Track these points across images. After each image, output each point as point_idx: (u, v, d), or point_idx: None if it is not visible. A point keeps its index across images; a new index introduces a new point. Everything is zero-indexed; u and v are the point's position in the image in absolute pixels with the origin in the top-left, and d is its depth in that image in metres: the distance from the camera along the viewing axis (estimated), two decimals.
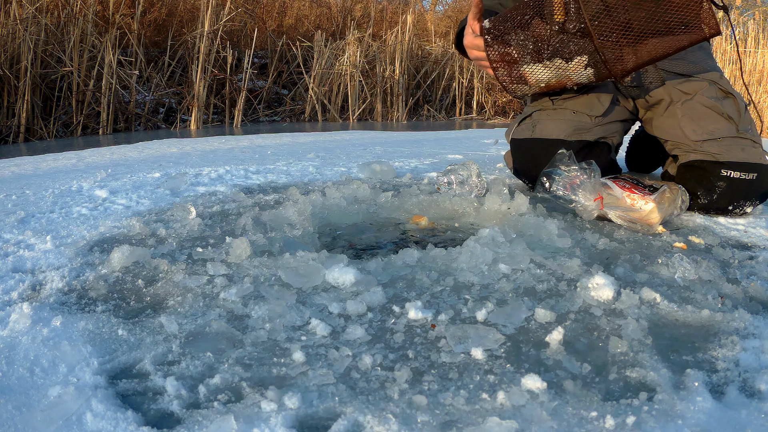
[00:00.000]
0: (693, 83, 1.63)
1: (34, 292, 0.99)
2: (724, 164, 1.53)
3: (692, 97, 1.61)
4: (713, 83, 1.63)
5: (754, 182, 1.53)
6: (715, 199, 1.55)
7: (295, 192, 1.57)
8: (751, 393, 0.72)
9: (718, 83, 1.63)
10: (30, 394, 0.69)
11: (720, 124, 1.56)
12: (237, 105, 5.15)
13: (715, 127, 1.56)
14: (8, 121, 3.92)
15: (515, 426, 0.63)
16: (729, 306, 0.95)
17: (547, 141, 1.70)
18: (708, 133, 1.56)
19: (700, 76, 1.64)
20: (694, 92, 1.62)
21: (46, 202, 1.60)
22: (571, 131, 1.69)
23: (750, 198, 1.56)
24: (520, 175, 1.81)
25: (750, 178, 1.53)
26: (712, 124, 1.57)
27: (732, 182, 1.53)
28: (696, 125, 1.58)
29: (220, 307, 0.91)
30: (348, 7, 7.29)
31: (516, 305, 0.90)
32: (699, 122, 1.58)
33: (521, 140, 1.77)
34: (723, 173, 1.53)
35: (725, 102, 1.60)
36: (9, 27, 3.93)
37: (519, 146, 1.79)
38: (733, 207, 1.57)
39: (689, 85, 1.63)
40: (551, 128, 1.71)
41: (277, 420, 0.64)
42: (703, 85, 1.62)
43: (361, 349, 0.79)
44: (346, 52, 5.79)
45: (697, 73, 1.65)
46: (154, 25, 5.37)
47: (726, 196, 1.55)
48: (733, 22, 6.17)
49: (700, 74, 1.65)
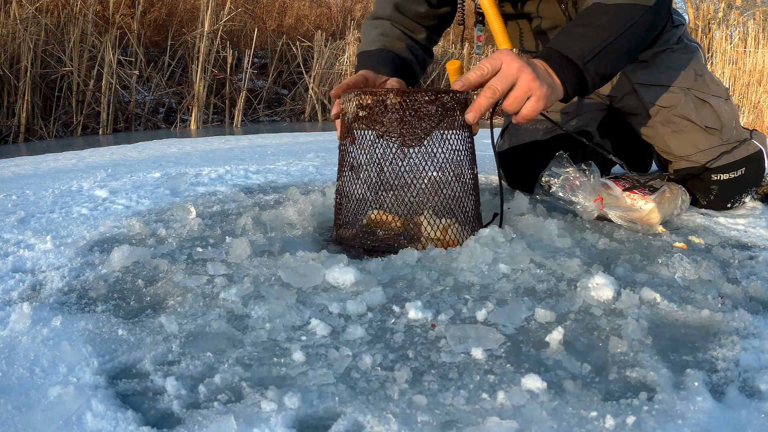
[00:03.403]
0: (668, 95, 1.60)
1: (34, 292, 0.99)
2: (713, 170, 1.57)
3: (669, 111, 1.59)
4: (688, 92, 1.60)
5: (744, 177, 1.59)
6: (712, 201, 1.60)
7: (295, 192, 1.57)
8: (751, 393, 0.72)
9: (693, 90, 1.60)
10: (30, 394, 0.69)
11: (702, 136, 1.58)
12: (237, 105, 5.16)
13: (698, 140, 1.58)
14: (8, 121, 3.92)
15: (515, 426, 0.63)
16: (729, 306, 0.95)
17: (523, 146, 1.73)
18: (693, 146, 1.59)
19: (675, 84, 1.61)
20: (670, 105, 1.59)
21: (46, 202, 1.60)
22: (545, 131, 1.71)
23: (744, 191, 1.62)
24: (514, 186, 1.82)
25: (739, 174, 1.58)
26: (695, 138, 1.58)
27: (724, 183, 1.58)
28: (679, 140, 1.59)
29: (220, 307, 0.91)
30: (348, 7, 7.30)
31: (516, 305, 0.90)
32: (682, 136, 1.59)
33: (501, 153, 1.82)
34: (714, 178, 1.58)
35: (703, 112, 1.58)
36: (9, 27, 3.93)
37: (502, 159, 1.81)
38: (731, 204, 1.62)
39: (664, 97, 1.60)
40: (525, 134, 1.74)
41: (277, 420, 0.64)
42: (679, 98, 1.59)
43: (361, 349, 0.79)
44: (346, 52, 5.80)
45: (669, 81, 1.61)
46: (154, 25, 5.37)
47: (721, 197, 1.60)
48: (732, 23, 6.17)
49: (674, 80, 1.61)
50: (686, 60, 1.65)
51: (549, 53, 1.19)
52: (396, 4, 1.62)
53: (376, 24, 1.63)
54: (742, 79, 5.67)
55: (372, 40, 1.59)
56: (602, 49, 1.20)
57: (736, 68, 5.72)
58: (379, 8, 1.65)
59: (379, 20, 1.64)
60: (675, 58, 1.63)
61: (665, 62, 1.63)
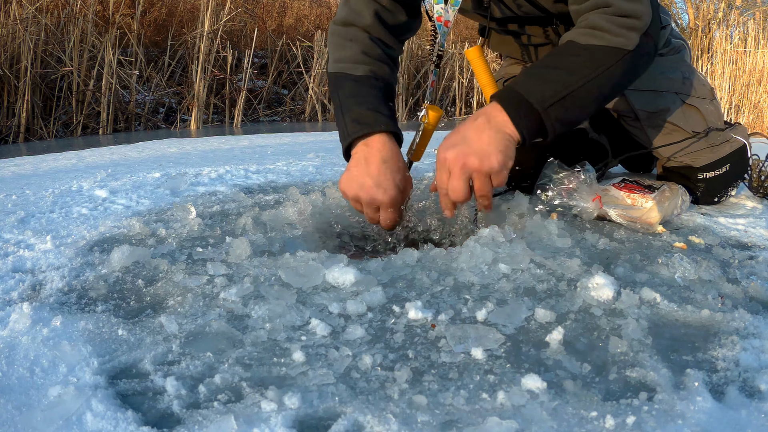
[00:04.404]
0: (656, 100, 1.61)
1: (34, 292, 0.99)
2: (699, 169, 1.60)
3: (657, 115, 1.60)
4: (677, 96, 1.60)
5: (728, 173, 1.62)
6: (699, 197, 1.64)
7: (295, 192, 1.57)
8: (751, 393, 0.72)
9: (680, 94, 1.60)
10: (30, 394, 0.69)
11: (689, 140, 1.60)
12: (237, 105, 5.16)
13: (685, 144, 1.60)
14: (8, 121, 3.92)
15: (515, 426, 0.63)
16: (729, 306, 0.95)
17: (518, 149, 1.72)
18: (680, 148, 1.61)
19: (663, 89, 1.60)
20: (658, 110, 1.60)
21: (46, 202, 1.60)
22: None
23: (730, 185, 1.67)
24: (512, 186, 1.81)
25: (724, 171, 1.61)
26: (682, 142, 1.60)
27: (710, 181, 1.62)
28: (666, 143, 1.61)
29: (220, 307, 0.91)
30: None
31: (516, 305, 0.90)
32: (668, 139, 1.60)
33: None
34: (700, 176, 1.62)
35: (690, 118, 1.60)
36: (9, 27, 3.94)
37: None
38: (718, 199, 1.67)
39: (653, 102, 1.61)
40: None
41: (277, 420, 0.64)
42: (667, 103, 1.59)
43: (361, 349, 0.79)
44: None
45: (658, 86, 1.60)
46: (154, 25, 5.37)
47: (706, 194, 1.64)
48: (732, 23, 6.17)
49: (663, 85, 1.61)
50: (674, 62, 1.64)
51: (509, 95, 1.16)
52: (377, 11, 1.41)
53: (351, 34, 1.41)
54: (742, 79, 5.67)
55: (354, 59, 1.39)
56: (567, 94, 1.14)
57: (736, 68, 5.72)
58: (352, 14, 1.42)
59: (353, 29, 1.42)
60: (663, 61, 1.62)
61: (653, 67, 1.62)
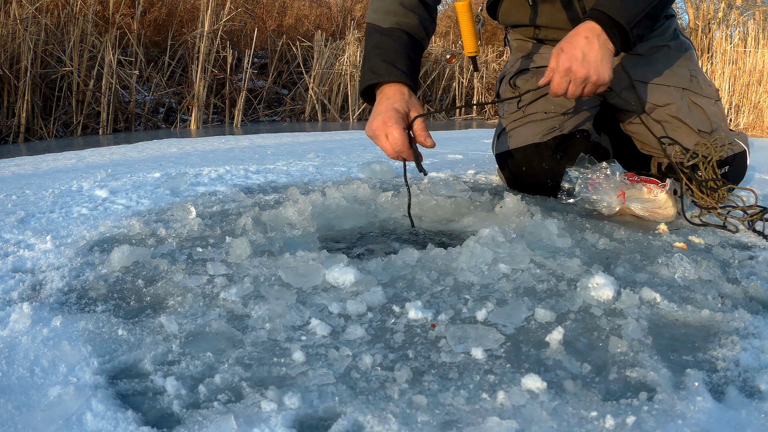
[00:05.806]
0: (665, 94, 1.63)
1: (34, 292, 0.99)
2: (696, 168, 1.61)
3: (665, 110, 1.62)
4: (684, 93, 1.62)
5: (727, 174, 1.63)
6: None
7: (295, 192, 1.57)
8: (751, 393, 0.72)
9: (688, 91, 1.63)
10: (30, 394, 0.69)
11: (694, 138, 1.61)
12: (237, 105, 5.15)
13: (689, 142, 1.61)
14: (8, 121, 3.92)
15: (515, 426, 0.63)
16: (729, 306, 0.95)
17: (524, 148, 1.72)
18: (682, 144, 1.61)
19: (672, 84, 1.64)
20: (665, 104, 1.63)
21: (46, 202, 1.60)
22: (545, 131, 1.71)
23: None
24: (513, 186, 1.81)
25: (723, 171, 1.61)
26: (686, 138, 1.61)
27: None
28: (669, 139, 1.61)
29: (220, 307, 0.91)
30: (348, 7, 7.29)
31: (516, 305, 0.90)
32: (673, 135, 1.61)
33: (500, 155, 1.81)
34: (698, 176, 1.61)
35: (696, 116, 1.62)
36: (9, 27, 3.93)
37: (501, 161, 1.82)
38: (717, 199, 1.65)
39: (662, 96, 1.64)
40: (524, 135, 1.73)
41: (277, 420, 0.64)
42: (675, 98, 1.62)
43: (361, 349, 0.79)
44: (346, 52, 5.79)
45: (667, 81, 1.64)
46: (154, 25, 5.37)
47: None
48: (732, 23, 6.17)
49: (672, 80, 1.64)
50: (683, 59, 1.67)
51: (601, 17, 1.33)
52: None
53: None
54: (742, 79, 5.67)
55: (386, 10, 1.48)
56: (644, 15, 1.33)
57: (736, 68, 5.72)
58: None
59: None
60: (672, 56, 1.66)
61: (662, 60, 1.65)
